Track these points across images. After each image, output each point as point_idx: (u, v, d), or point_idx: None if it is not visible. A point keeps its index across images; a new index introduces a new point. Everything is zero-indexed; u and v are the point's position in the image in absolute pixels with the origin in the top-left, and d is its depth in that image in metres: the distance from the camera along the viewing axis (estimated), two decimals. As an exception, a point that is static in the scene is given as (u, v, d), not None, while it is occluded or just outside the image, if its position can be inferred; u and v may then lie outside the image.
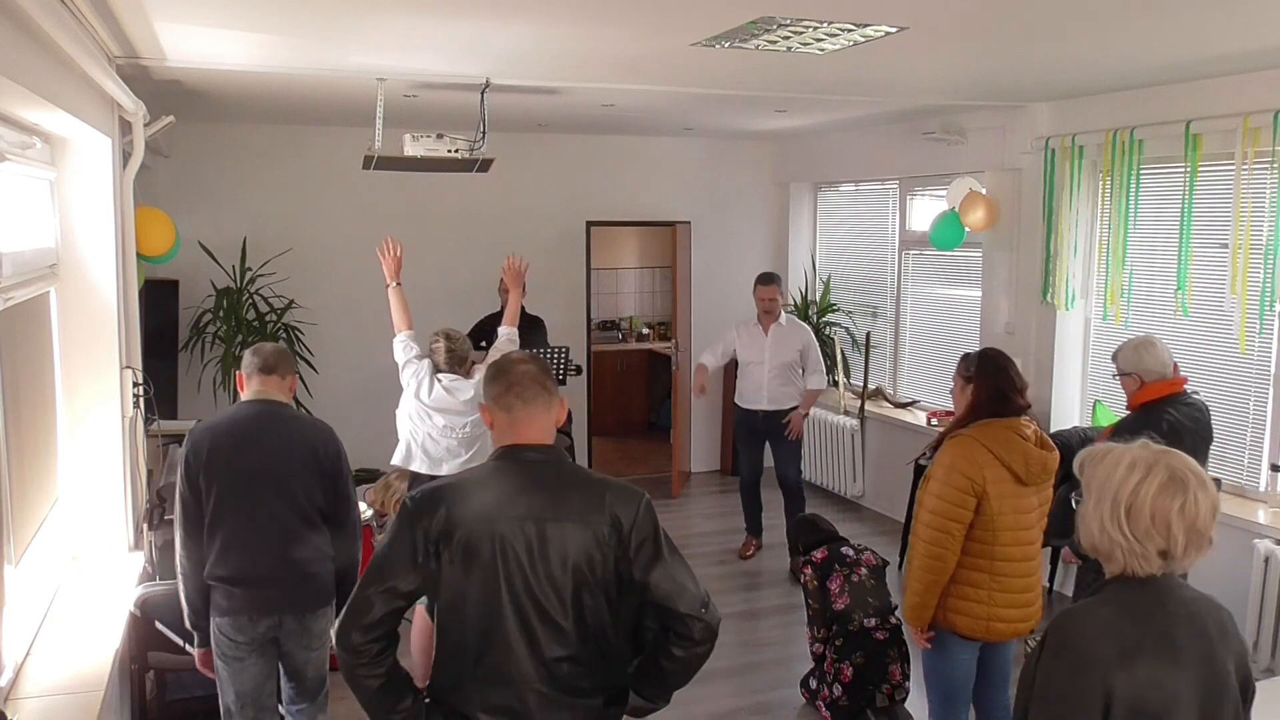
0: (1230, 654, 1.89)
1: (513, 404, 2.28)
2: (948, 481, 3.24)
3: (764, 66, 4.47)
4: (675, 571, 2.27)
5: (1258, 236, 4.65)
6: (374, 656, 2.18)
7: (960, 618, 3.31)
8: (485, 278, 7.19)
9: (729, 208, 8.50)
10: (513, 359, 2.38)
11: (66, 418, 3.92)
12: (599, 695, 2.27)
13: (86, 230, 3.89)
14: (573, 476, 2.30)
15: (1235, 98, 4.67)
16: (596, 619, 2.25)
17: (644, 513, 2.26)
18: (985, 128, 6.19)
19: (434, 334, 4.77)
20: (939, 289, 7.18)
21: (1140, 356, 4.05)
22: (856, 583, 4.56)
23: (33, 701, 2.82)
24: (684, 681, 2.34)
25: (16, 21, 2.55)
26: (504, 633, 2.19)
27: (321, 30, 3.80)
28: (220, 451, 3.24)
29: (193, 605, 3.30)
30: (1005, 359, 3.45)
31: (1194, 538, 1.85)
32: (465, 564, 2.18)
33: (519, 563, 2.19)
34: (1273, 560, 4.48)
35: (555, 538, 2.20)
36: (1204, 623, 1.88)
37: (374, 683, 2.19)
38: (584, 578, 2.21)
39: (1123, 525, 1.87)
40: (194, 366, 6.68)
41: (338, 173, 7.16)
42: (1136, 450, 1.91)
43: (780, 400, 6.28)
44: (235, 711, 3.34)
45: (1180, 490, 1.84)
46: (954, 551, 3.25)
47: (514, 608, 2.19)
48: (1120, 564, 1.90)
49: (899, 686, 4.43)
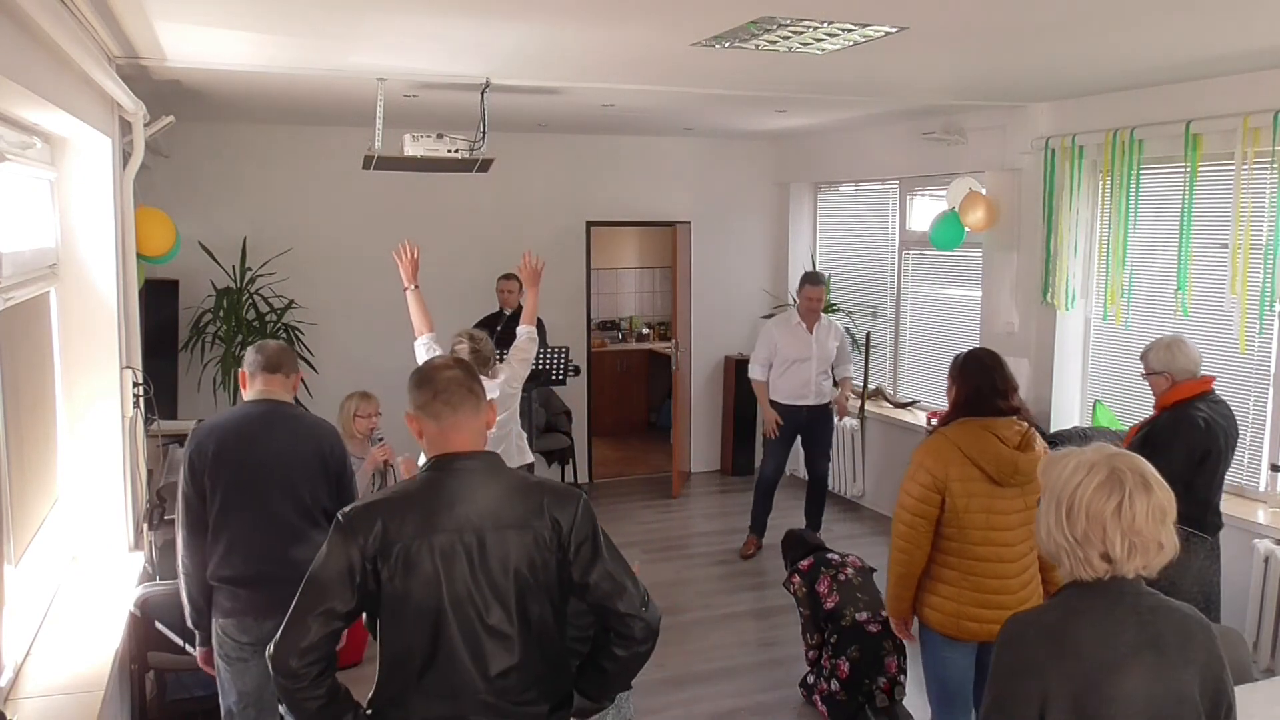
0: (1191, 665, 1.82)
1: (440, 411, 2.24)
2: (914, 478, 3.34)
3: (764, 66, 4.47)
4: (614, 571, 2.25)
5: (1258, 236, 4.65)
6: (313, 679, 2.13)
7: (932, 612, 3.39)
8: (485, 278, 7.20)
9: (729, 208, 8.51)
10: (436, 364, 2.32)
11: (66, 417, 3.92)
12: (544, 703, 2.26)
13: (86, 230, 3.89)
14: (509, 482, 2.27)
15: (1235, 98, 4.67)
16: (542, 624, 2.24)
17: (582, 513, 2.25)
18: (985, 128, 6.19)
19: (456, 335, 4.77)
20: (939, 289, 7.18)
21: (1173, 355, 4.03)
22: (844, 581, 4.60)
23: (33, 701, 2.82)
24: (626, 682, 2.34)
25: (16, 21, 2.55)
26: (448, 645, 2.17)
27: (321, 30, 3.80)
28: (225, 452, 3.23)
29: (195, 604, 3.30)
30: (992, 360, 3.45)
31: (1136, 540, 1.80)
32: (405, 578, 2.15)
33: (461, 573, 2.16)
34: (1273, 560, 4.48)
35: (495, 545, 2.18)
36: (1157, 631, 1.81)
37: (313, 704, 2.15)
38: (526, 583, 2.20)
39: (1064, 527, 1.84)
40: (194, 366, 6.68)
41: (338, 173, 7.16)
42: (1089, 452, 1.89)
43: (825, 394, 6.49)
44: (237, 713, 3.34)
45: (1116, 490, 1.81)
46: (920, 546, 3.33)
47: (458, 619, 2.16)
48: (1067, 568, 1.88)
49: (896, 682, 4.44)
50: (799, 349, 6.37)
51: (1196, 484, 3.89)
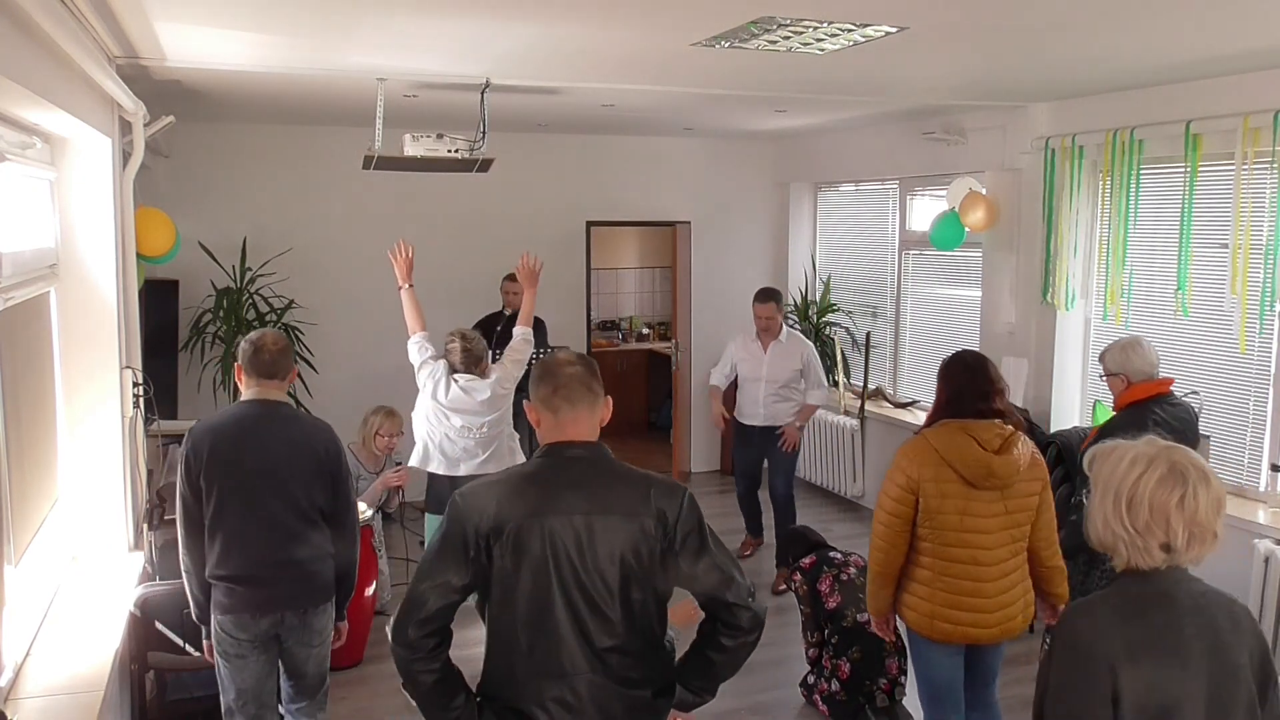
0: (1243, 648, 1.89)
1: (559, 406, 2.32)
2: (891, 479, 3.42)
3: (764, 66, 4.47)
4: (721, 563, 2.32)
5: (1258, 236, 4.65)
6: (429, 651, 2.21)
7: (909, 611, 3.43)
8: (485, 277, 7.20)
9: (729, 208, 8.50)
10: (560, 360, 2.38)
11: (66, 417, 3.91)
12: (648, 687, 2.31)
13: (86, 230, 3.89)
14: (618, 472, 2.34)
15: (1235, 98, 4.67)
16: (643, 611, 2.29)
17: (688, 506, 2.31)
18: (985, 128, 6.19)
19: (449, 334, 4.78)
20: (939, 289, 7.18)
21: (1127, 357, 4.10)
22: (846, 581, 4.59)
23: (33, 701, 2.83)
24: (732, 672, 2.39)
25: (16, 21, 2.55)
26: (555, 624, 2.23)
27: (322, 30, 3.80)
28: (221, 452, 3.24)
29: (197, 600, 3.33)
30: (977, 362, 3.45)
31: (1196, 531, 1.86)
32: (516, 559, 2.22)
33: (568, 557, 2.23)
34: (1273, 560, 4.48)
35: (603, 532, 2.24)
36: (1212, 616, 1.88)
37: (429, 678, 2.23)
38: (631, 570, 2.26)
39: (1124, 519, 1.89)
40: (194, 366, 6.68)
41: (338, 173, 7.16)
42: (1141, 446, 1.94)
43: (777, 417, 6.15)
44: (236, 710, 3.35)
45: (1179, 483, 1.86)
46: (895, 545, 3.37)
47: (564, 600, 2.23)
48: (1124, 558, 1.92)
49: (897, 682, 4.44)
50: (752, 368, 6.16)
51: None
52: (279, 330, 6.72)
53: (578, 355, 2.43)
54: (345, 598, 3.49)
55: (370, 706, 4.53)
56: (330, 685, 3.60)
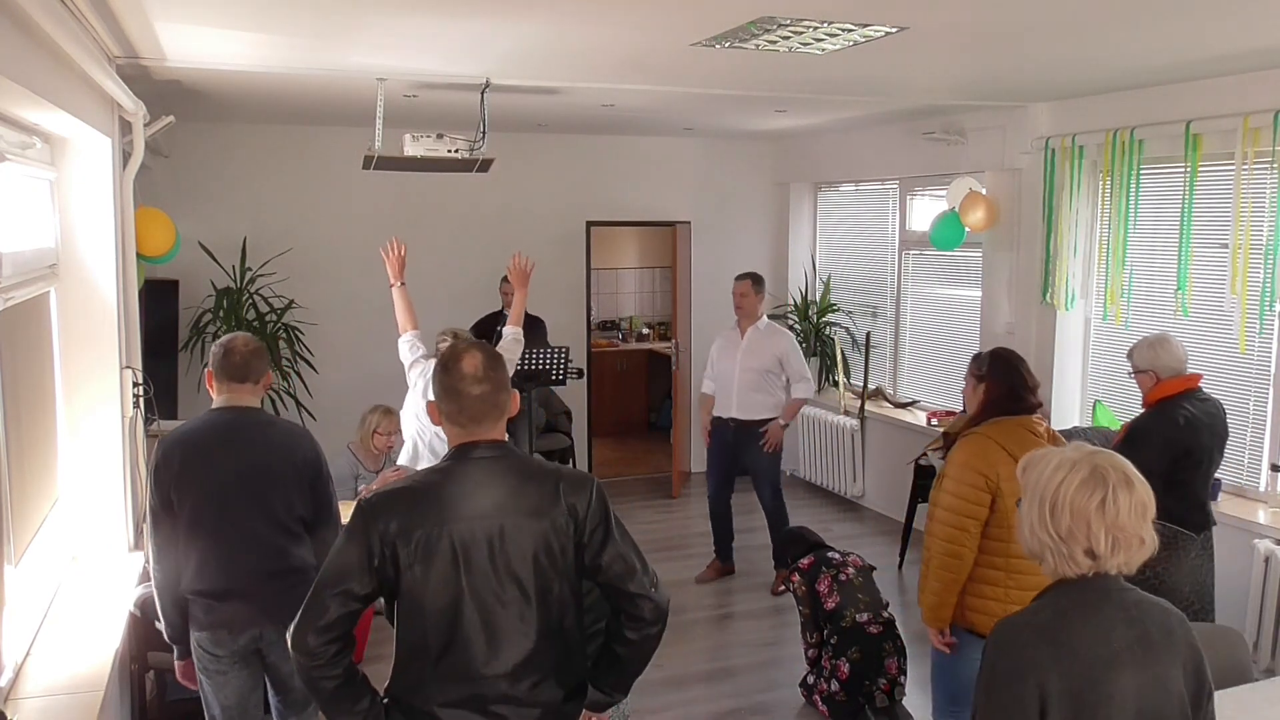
0: (1176, 659, 1.86)
1: (465, 423, 2.28)
2: (962, 479, 3.24)
3: (764, 66, 4.47)
4: (625, 553, 2.30)
5: (1258, 236, 4.65)
6: (330, 658, 2.17)
7: (978, 616, 3.28)
8: (485, 277, 7.20)
9: (729, 208, 8.50)
10: (465, 374, 2.26)
11: (66, 418, 3.92)
12: (559, 689, 2.29)
13: (86, 230, 3.89)
14: (526, 469, 2.31)
15: (1235, 98, 4.67)
16: (561, 610, 2.28)
17: (596, 497, 2.29)
18: (985, 128, 6.19)
19: (441, 333, 4.77)
20: (939, 289, 7.18)
21: (1156, 353, 4.04)
22: (844, 581, 4.58)
23: (33, 701, 2.83)
24: (640, 668, 2.36)
25: (16, 21, 2.55)
26: (465, 632, 2.21)
27: (321, 30, 3.80)
28: (190, 465, 3.08)
29: (169, 618, 3.18)
30: (1017, 358, 3.46)
31: (1119, 536, 1.84)
32: (424, 566, 2.19)
33: (480, 561, 2.20)
34: (1273, 560, 4.48)
35: (514, 532, 2.22)
36: (1145, 627, 1.86)
37: (330, 684, 2.19)
38: (545, 570, 2.24)
39: (1048, 525, 1.87)
40: (194, 366, 6.67)
41: (338, 173, 7.16)
42: (1068, 451, 1.93)
43: (752, 410, 5.93)
44: None
45: (1099, 486, 1.84)
46: (971, 549, 3.24)
47: (475, 605, 2.20)
48: (1051, 566, 1.91)
49: (896, 683, 4.44)
50: (727, 354, 6.00)
51: (1181, 481, 3.89)
52: (279, 335, 6.75)
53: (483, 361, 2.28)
54: None
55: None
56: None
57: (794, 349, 6.06)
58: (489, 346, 2.39)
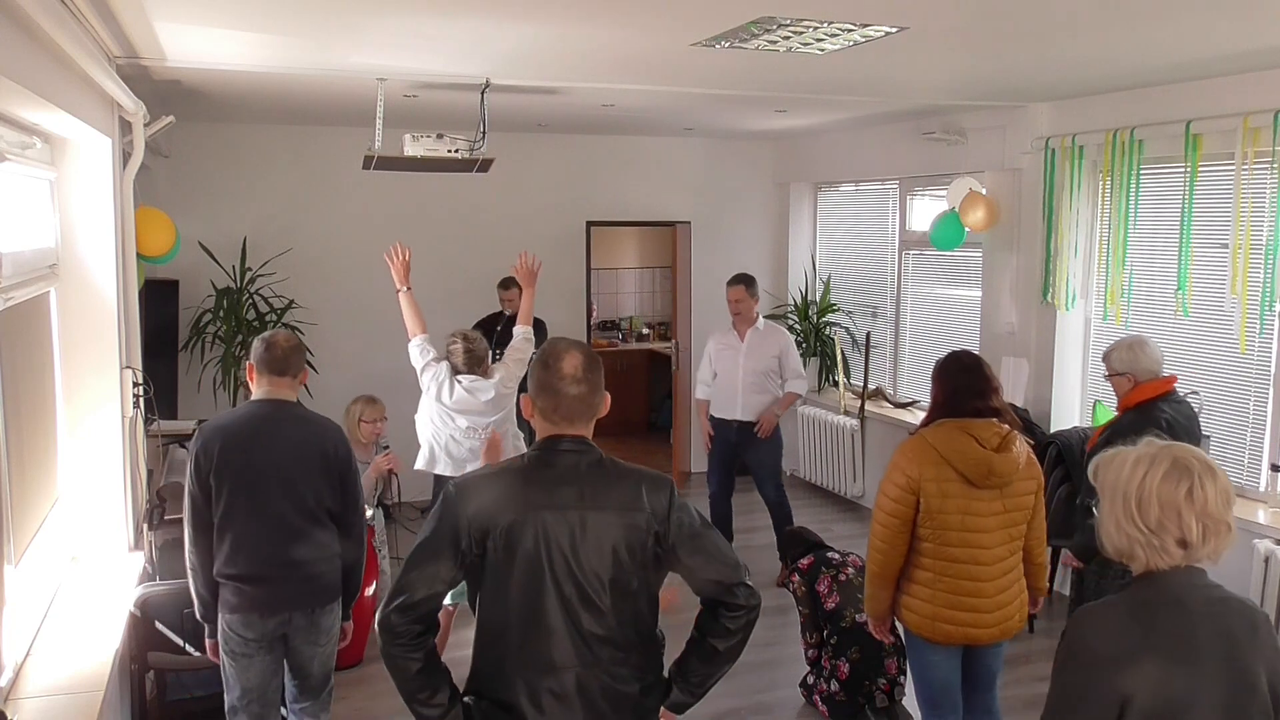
0: (1260, 656, 1.86)
1: (558, 421, 2.32)
2: (890, 479, 3.39)
3: (764, 66, 4.47)
4: (717, 545, 2.35)
5: (1258, 236, 4.65)
6: (413, 638, 2.22)
7: (909, 614, 3.41)
8: (485, 277, 7.20)
9: (729, 208, 8.50)
10: (565, 374, 2.27)
11: (66, 418, 3.92)
12: (636, 683, 2.33)
13: (86, 230, 3.89)
14: (609, 467, 2.35)
15: (1235, 98, 4.67)
16: (636, 606, 2.31)
17: (677, 497, 2.35)
18: (985, 128, 6.19)
19: (450, 335, 4.77)
20: (939, 289, 7.18)
21: (1135, 356, 4.07)
22: (844, 581, 4.58)
23: (33, 701, 2.82)
24: (735, 657, 2.39)
25: (16, 21, 2.55)
26: (546, 617, 2.24)
27: (321, 30, 3.80)
28: (230, 452, 3.25)
29: (202, 599, 3.34)
30: (972, 361, 3.44)
31: (1209, 523, 1.85)
32: (509, 553, 2.23)
33: (561, 551, 2.24)
34: (1273, 560, 4.48)
35: (595, 526, 2.26)
36: (1228, 623, 1.86)
37: (413, 665, 2.24)
38: (623, 564, 2.27)
39: (1135, 520, 1.88)
40: (194, 366, 6.68)
41: (338, 173, 7.16)
42: (1141, 448, 1.94)
43: (756, 410, 6.00)
44: (240, 709, 3.36)
45: (1185, 477, 1.86)
46: (894, 546, 3.35)
47: (557, 593, 2.24)
48: (1142, 560, 1.91)
49: (896, 683, 4.44)
50: (728, 358, 6.06)
51: None
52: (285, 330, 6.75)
53: (583, 363, 2.30)
54: (351, 598, 3.50)
55: (370, 706, 4.53)
56: (333, 685, 3.60)
57: (792, 346, 6.21)
58: (588, 347, 2.41)
